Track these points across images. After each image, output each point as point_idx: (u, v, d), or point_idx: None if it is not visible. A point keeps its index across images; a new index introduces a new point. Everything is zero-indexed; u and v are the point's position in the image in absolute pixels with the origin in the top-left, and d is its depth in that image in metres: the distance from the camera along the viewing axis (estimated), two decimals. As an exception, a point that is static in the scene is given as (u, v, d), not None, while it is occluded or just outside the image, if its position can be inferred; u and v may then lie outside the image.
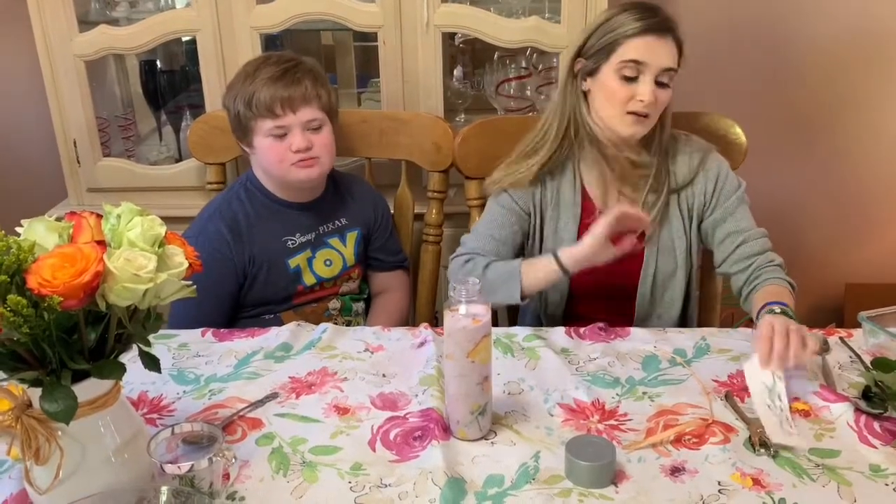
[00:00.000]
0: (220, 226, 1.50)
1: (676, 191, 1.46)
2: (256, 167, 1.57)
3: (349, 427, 1.11)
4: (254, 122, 1.47)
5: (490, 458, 1.04)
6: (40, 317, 0.81)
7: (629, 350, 1.30)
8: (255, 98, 1.45)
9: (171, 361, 1.29)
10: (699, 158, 1.46)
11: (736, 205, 1.45)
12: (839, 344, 1.31)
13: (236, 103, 1.48)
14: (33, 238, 0.85)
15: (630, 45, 1.33)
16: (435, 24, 1.79)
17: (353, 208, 1.63)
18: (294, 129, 1.46)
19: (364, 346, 1.34)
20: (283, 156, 1.47)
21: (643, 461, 1.02)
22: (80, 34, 1.84)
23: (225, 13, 1.80)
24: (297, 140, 1.46)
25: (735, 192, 1.45)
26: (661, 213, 1.45)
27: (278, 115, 1.45)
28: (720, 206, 1.45)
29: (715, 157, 1.47)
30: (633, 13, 1.35)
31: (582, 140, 1.43)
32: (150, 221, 0.87)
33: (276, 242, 1.53)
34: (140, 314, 0.90)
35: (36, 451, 0.87)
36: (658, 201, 1.45)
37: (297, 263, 1.54)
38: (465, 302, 1.04)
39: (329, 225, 1.59)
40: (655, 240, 1.47)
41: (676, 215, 1.47)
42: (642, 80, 1.34)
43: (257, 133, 1.48)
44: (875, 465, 1.00)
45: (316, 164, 1.49)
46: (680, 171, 1.46)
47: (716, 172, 1.45)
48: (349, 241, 1.61)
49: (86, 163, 1.94)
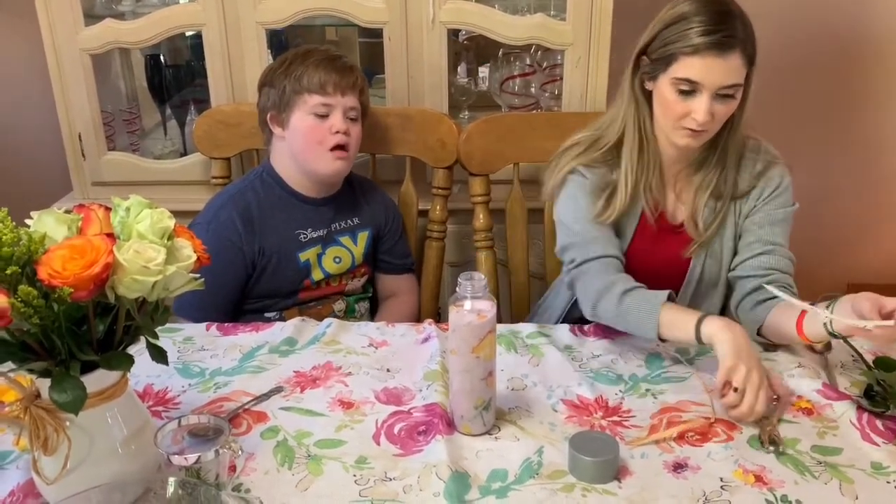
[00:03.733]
0: (233, 214, 1.51)
1: (736, 198, 1.40)
2: (279, 156, 1.58)
3: (353, 421, 1.12)
4: (299, 98, 1.50)
5: (494, 452, 1.04)
6: (50, 308, 0.81)
7: (632, 348, 1.31)
8: (306, 76, 1.49)
9: (177, 355, 1.30)
10: (763, 166, 1.39)
11: (780, 218, 1.38)
12: (841, 343, 1.31)
13: (282, 80, 1.51)
14: (43, 230, 0.86)
15: (686, 63, 1.24)
16: (440, 21, 1.79)
17: (365, 209, 1.64)
18: (337, 111, 1.50)
19: (368, 341, 1.34)
20: (322, 137, 1.50)
21: (646, 457, 1.03)
22: (86, 28, 1.84)
23: (230, 8, 1.80)
24: (338, 122, 1.49)
25: (785, 206, 1.38)
26: (719, 217, 1.39)
27: (328, 93, 1.49)
28: (764, 210, 1.38)
29: (780, 169, 1.40)
30: (699, 22, 1.23)
31: (643, 139, 1.37)
32: (159, 214, 0.88)
33: (289, 235, 1.54)
34: (148, 306, 0.91)
35: (44, 441, 0.88)
36: (719, 208, 1.38)
37: (308, 258, 1.55)
38: (470, 298, 1.04)
39: (342, 223, 1.61)
40: (706, 246, 1.40)
41: (731, 223, 1.40)
42: (699, 97, 1.26)
43: (299, 109, 1.50)
44: (877, 463, 1.01)
45: (348, 157, 1.52)
46: (743, 178, 1.39)
47: (776, 182, 1.38)
48: (360, 241, 1.62)
49: (91, 156, 1.94)
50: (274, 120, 1.55)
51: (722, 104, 1.27)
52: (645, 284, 1.31)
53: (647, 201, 1.39)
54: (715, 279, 1.43)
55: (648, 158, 1.37)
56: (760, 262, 1.35)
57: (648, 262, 1.42)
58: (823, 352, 1.29)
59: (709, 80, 1.24)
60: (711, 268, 1.42)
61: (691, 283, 1.43)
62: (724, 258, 1.41)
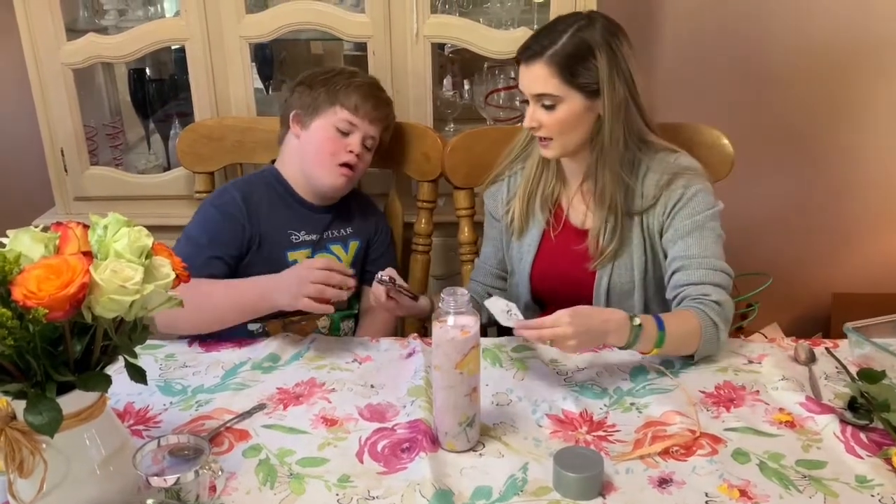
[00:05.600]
0: (237, 195, 1.55)
1: (640, 213, 1.40)
2: (288, 157, 1.61)
3: (337, 438, 1.11)
4: (329, 108, 1.54)
5: (478, 469, 1.04)
6: (25, 329, 0.80)
7: (617, 361, 1.30)
8: (345, 92, 1.54)
9: (158, 372, 1.29)
10: (668, 179, 1.38)
11: (689, 229, 1.36)
12: (825, 354, 1.32)
13: (320, 86, 1.55)
14: (19, 249, 0.85)
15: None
16: (424, 35, 1.79)
17: (358, 221, 1.66)
18: (358, 133, 1.55)
19: (352, 356, 1.34)
20: (336, 150, 1.54)
21: (631, 472, 1.02)
22: (69, 42, 1.83)
23: (214, 22, 1.80)
24: (356, 144, 1.54)
25: (693, 216, 1.36)
26: (617, 233, 1.40)
27: (358, 115, 1.54)
28: (672, 227, 1.38)
29: (684, 180, 1.38)
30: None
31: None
32: (136, 232, 0.87)
33: (281, 233, 1.56)
34: (126, 325, 0.89)
35: (19, 463, 0.86)
36: (616, 222, 1.40)
37: (296, 258, 1.55)
38: (453, 313, 1.04)
39: (335, 231, 1.62)
40: (609, 258, 1.42)
41: (638, 235, 1.41)
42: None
43: (324, 118, 1.54)
44: (861, 476, 1.01)
45: (352, 177, 1.56)
46: (648, 192, 1.40)
47: (679, 194, 1.37)
48: (350, 250, 1.63)
49: (73, 171, 1.93)
50: (297, 119, 1.58)
51: (546, 113, 1.35)
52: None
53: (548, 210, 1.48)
54: (628, 290, 1.44)
55: (542, 169, 1.47)
56: (674, 281, 1.37)
57: (553, 277, 1.48)
58: (808, 363, 1.29)
59: (523, 86, 1.37)
60: (621, 277, 1.44)
61: (599, 293, 1.45)
62: (634, 269, 1.43)
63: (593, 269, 1.44)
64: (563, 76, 1.32)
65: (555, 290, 1.48)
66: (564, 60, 1.32)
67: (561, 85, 1.33)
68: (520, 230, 1.51)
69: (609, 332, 1.21)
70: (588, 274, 1.45)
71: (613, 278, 1.44)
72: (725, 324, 1.29)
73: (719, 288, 1.32)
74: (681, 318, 1.28)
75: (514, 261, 1.53)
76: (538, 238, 1.49)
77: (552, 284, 1.49)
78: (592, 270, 1.44)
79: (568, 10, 1.74)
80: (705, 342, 1.27)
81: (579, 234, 1.46)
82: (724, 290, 1.32)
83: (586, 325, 1.18)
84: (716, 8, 2.22)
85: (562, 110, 1.34)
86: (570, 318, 1.17)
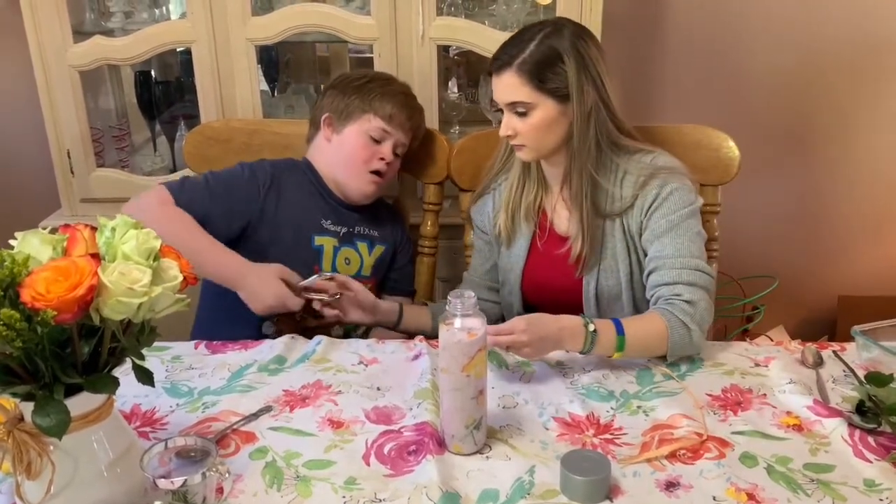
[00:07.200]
0: (268, 168, 1.57)
1: (619, 214, 1.41)
2: (319, 155, 1.62)
3: (343, 441, 1.11)
4: (363, 115, 1.56)
5: (485, 472, 1.03)
6: (33, 331, 0.80)
7: (624, 364, 1.30)
8: (379, 100, 1.56)
9: (165, 374, 1.29)
10: (643, 180, 1.39)
11: (664, 228, 1.36)
12: (832, 358, 1.31)
13: (353, 92, 1.57)
14: (27, 251, 0.85)
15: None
16: (430, 37, 1.79)
17: (386, 226, 1.68)
18: (390, 141, 1.57)
19: (358, 358, 1.34)
20: (369, 158, 1.56)
21: (638, 476, 1.02)
22: (75, 45, 1.84)
23: (220, 25, 1.80)
24: (388, 152, 1.57)
25: (668, 215, 1.36)
26: (596, 237, 1.41)
27: (393, 125, 1.56)
28: (648, 227, 1.38)
29: (660, 179, 1.38)
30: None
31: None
32: (144, 234, 0.87)
33: (310, 217, 1.58)
34: (134, 328, 0.89)
35: (27, 465, 0.86)
36: (596, 225, 1.41)
37: (322, 243, 1.57)
38: (460, 315, 1.04)
39: (363, 229, 1.63)
40: (594, 263, 1.43)
41: (621, 239, 1.42)
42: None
43: (357, 125, 1.56)
44: (869, 480, 1.01)
45: (382, 184, 1.58)
46: (626, 193, 1.40)
47: (654, 194, 1.37)
48: (374, 252, 1.64)
49: (80, 173, 1.93)
50: (329, 123, 1.59)
51: (520, 120, 1.37)
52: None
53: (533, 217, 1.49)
54: (616, 293, 1.44)
55: (524, 179, 1.49)
56: (650, 282, 1.37)
57: (543, 285, 1.49)
58: (815, 366, 1.29)
59: (496, 96, 1.39)
60: (608, 281, 1.44)
61: (589, 298, 1.45)
62: (620, 272, 1.43)
63: (579, 276, 1.45)
64: (533, 83, 1.34)
65: (546, 297, 1.49)
66: (533, 68, 1.34)
67: (532, 92, 1.35)
68: (508, 241, 1.52)
69: (564, 339, 1.24)
70: (576, 280, 1.45)
71: (601, 283, 1.44)
72: (698, 323, 1.28)
73: (693, 287, 1.31)
74: (645, 321, 1.29)
75: (505, 272, 1.54)
76: (526, 248, 1.50)
77: (543, 293, 1.50)
78: (579, 277, 1.45)
79: (573, 11, 1.74)
80: (675, 343, 1.27)
81: (563, 240, 1.47)
82: (698, 289, 1.32)
83: (540, 333, 1.21)
84: (719, 10, 2.22)
85: (535, 116, 1.36)
86: (526, 326, 1.20)
